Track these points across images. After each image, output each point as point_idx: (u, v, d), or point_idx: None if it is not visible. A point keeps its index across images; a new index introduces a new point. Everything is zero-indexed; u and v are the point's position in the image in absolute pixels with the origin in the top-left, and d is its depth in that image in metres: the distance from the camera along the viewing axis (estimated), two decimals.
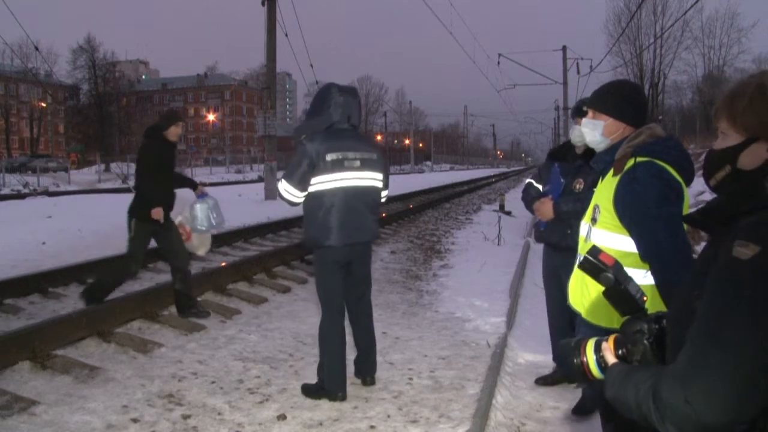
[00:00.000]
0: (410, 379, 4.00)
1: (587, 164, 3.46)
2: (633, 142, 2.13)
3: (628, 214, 2.03)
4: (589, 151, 3.49)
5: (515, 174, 61.14)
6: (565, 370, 1.33)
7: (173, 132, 5.20)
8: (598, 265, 1.34)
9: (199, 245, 5.60)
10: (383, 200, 3.85)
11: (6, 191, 22.70)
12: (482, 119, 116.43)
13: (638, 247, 2.04)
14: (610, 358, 1.22)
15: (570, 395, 3.71)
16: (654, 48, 39.93)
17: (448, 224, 13.06)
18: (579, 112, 3.49)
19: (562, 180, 3.61)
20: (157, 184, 5.13)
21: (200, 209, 5.45)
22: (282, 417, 3.35)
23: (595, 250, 1.38)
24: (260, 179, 21.83)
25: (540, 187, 3.83)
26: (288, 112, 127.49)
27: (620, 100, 2.24)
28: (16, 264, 7.37)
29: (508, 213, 13.99)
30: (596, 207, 2.17)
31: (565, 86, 33.46)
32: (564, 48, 33.49)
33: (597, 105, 2.27)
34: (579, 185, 3.48)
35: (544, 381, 3.90)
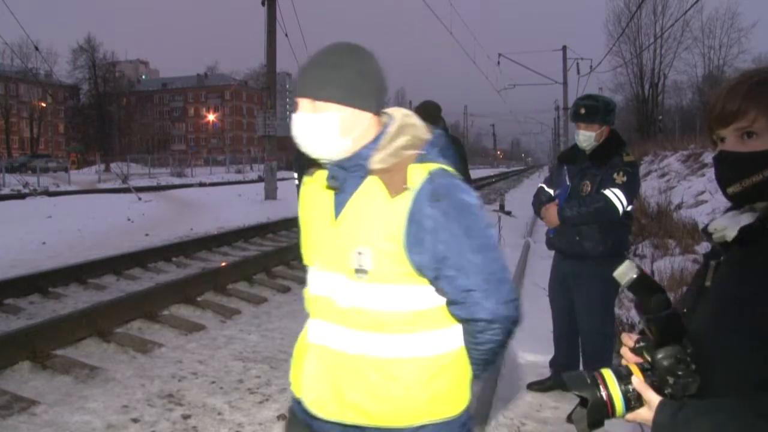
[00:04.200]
0: None
1: (594, 166, 3.42)
2: (401, 141, 1.38)
3: (436, 250, 1.31)
4: (597, 153, 3.40)
5: (515, 174, 61.13)
6: (589, 411, 1.07)
7: None
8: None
9: None
10: None
11: (6, 191, 22.68)
12: (482, 119, 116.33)
13: (458, 297, 1.35)
14: (650, 394, 1.03)
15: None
16: (654, 48, 39.88)
17: None
18: (577, 116, 3.45)
19: (568, 183, 3.49)
20: None
21: None
22: (282, 417, 3.34)
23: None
24: (260, 179, 21.84)
25: (551, 191, 3.69)
26: (288, 112, 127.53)
27: (359, 78, 1.38)
28: (16, 264, 7.37)
29: (508, 213, 14.00)
30: (360, 252, 1.35)
31: (565, 86, 33.48)
32: (564, 48, 33.51)
33: (321, 92, 1.37)
34: (586, 188, 3.37)
35: (537, 386, 3.87)
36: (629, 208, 3.36)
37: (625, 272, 1.06)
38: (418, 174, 1.33)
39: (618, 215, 3.29)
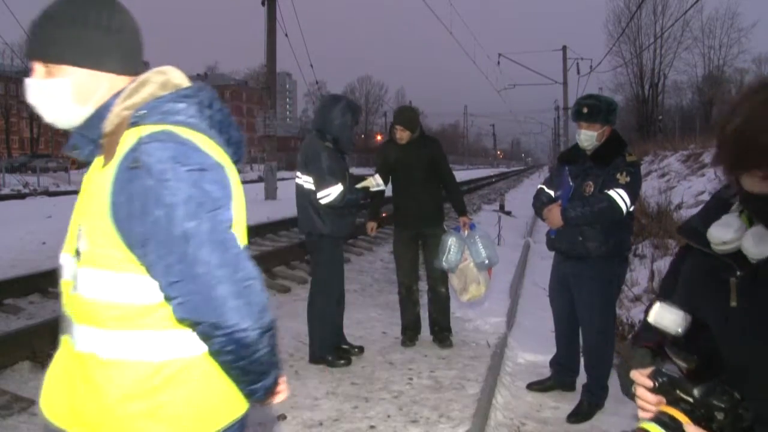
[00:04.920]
0: (410, 379, 4.00)
1: (597, 166, 3.41)
2: (131, 100, 1.18)
3: (140, 230, 1.10)
4: (599, 153, 3.40)
5: (515, 174, 61.16)
6: None
7: (395, 133, 4.59)
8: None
9: (458, 287, 4.64)
10: (322, 201, 4.03)
11: (6, 191, 22.69)
12: (482, 119, 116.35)
13: (170, 292, 1.12)
14: None
15: (570, 395, 3.72)
16: (654, 48, 39.91)
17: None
18: (579, 116, 3.45)
19: (571, 184, 3.47)
20: (394, 190, 4.71)
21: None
22: (282, 417, 3.35)
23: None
24: (260, 179, 21.85)
25: (552, 192, 3.66)
26: (288, 112, 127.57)
27: (96, 33, 1.19)
28: (16, 264, 7.38)
29: (508, 213, 14.00)
30: (80, 230, 1.18)
31: (565, 86, 33.47)
32: (564, 48, 33.50)
33: (51, 53, 1.19)
34: (588, 188, 3.36)
35: (537, 386, 3.87)
36: (631, 209, 3.36)
37: (678, 322, 0.93)
38: (129, 138, 1.12)
39: (622, 215, 3.29)
